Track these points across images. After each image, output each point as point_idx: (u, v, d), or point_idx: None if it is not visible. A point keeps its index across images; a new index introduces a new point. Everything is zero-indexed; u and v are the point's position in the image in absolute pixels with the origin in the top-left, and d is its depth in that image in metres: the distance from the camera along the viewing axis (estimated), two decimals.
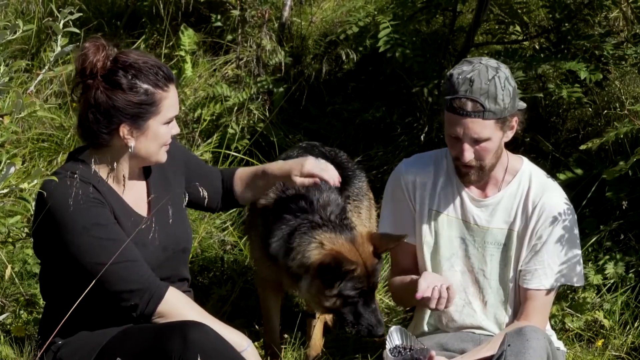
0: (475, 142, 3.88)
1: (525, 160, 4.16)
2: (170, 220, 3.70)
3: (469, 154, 3.90)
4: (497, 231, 4.08)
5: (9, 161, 3.02)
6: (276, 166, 4.13)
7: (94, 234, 3.53)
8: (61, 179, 3.47)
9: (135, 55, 3.63)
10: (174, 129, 3.70)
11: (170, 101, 3.63)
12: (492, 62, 3.92)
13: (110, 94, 3.56)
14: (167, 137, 3.67)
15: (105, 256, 3.51)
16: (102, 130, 3.59)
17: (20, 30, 3.14)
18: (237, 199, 4.17)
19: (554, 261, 4.04)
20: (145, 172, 3.81)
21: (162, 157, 3.70)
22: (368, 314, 4.07)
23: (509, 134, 3.97)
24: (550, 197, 4.06)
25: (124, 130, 3.58)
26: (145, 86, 3.58)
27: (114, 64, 3.59)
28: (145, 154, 3.66)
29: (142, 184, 3.79)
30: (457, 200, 4.10)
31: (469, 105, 3.83)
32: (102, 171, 3.65)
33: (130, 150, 3.61)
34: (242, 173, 4.17)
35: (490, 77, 3.85)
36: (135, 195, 3.73)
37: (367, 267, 4.07)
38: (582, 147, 5.01)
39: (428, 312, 4.19)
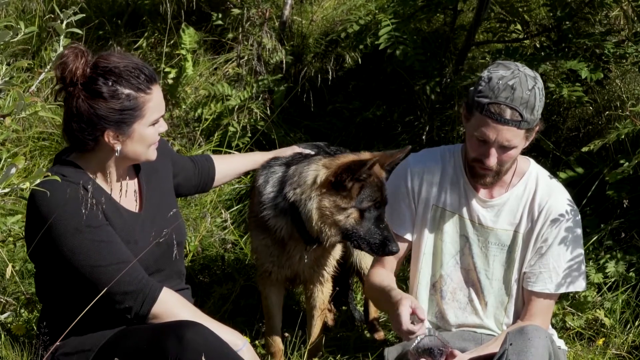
0: (503, 148, 3.86)
1: (532, 161, 4.15)
2: (172, 217, 3.69)
3: (493, 159, 3.88)
4: (501, 232, 4.08)
5: (9, 160, 3.01)
6: (262, 157, 4.33)
7: (86, 235, 3.49)
8: (51, 182, 3.42)
9: (115, 59, 3.55)
10: (162, 127, 3.65)
11: (154, 103, 3.58)
12: (529, 71, 3.88)
13: (91, 103, 3.51)
14: (155, 137, 3.63)
15: (98, 258, 3.49)
16: (87, 137, 3.54)
17: (22, 33, 3.12)
18: (213, 186, 4.31)
19: (559, 264, 4.04)
20: (135, 167, 3.79)
21: (152, 155, 3.67)
22: (382, 229, 4.01)
23: (529, 141, 3.96)
24: (556, 200, 4.05)
25: (109, 135, 3.54)
26: (127, 91, 3.52)
27: (93, 70, 3.52)
28: (133, 156, 3.63)
29: (133, 180, 3.77)
30: (464, 199, 4.09)
31: (508, 113, 3.80)
32: (91, 172, 3.62)
33: (116, 154, 3.58)
34: (222, 166, 4.28)
35: (530, 87, 3.82)
36: (125, 191, 3.70)
37: (378, 177, 4.01)
38: (584, 149, 5.01)
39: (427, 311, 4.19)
